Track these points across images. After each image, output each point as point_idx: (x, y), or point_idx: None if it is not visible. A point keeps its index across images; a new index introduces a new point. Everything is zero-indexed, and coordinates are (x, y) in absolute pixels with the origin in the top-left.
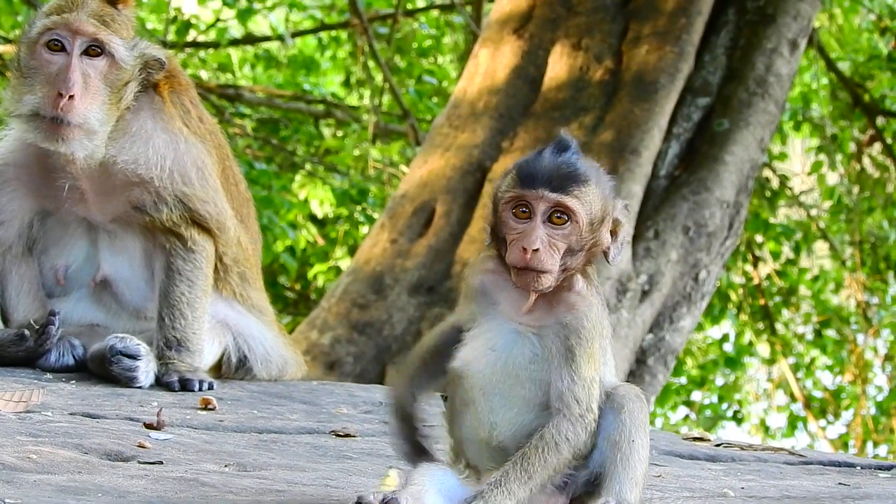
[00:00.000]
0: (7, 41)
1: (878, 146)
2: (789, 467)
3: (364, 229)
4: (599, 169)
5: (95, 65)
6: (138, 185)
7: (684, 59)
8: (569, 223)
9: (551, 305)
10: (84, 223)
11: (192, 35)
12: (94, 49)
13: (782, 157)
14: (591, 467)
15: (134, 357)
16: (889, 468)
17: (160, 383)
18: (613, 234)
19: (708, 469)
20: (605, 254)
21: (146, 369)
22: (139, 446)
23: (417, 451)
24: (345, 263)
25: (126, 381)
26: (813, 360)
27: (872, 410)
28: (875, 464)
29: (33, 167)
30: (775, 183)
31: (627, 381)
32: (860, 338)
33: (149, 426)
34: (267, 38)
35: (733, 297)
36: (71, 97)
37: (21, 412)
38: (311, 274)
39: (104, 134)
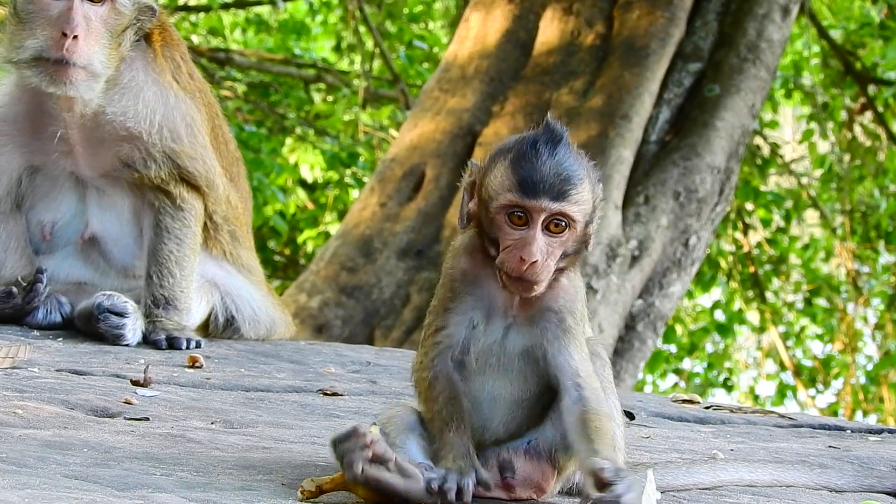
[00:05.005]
0: None
1: (869, 114)
2: (779, 430)
3: (354, 193)
4: (582, 155)
5: (96, 10)
6: (127, 139)
7: (675, 25)
8: (567, 230)
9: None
10: (73, 179)
11: None
12: None
13: (773, 124)
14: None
15: (121, 314)
16: (879, 431)
17: (147, 341)
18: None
19: (697, 431)
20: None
21: (133, 327)
22: (125, 402)
23: None
24: (334, 228)
25: (113, 338)
26: (803, 329)
27: (862, 380)
28: (865, 427)
29: (23, 121)
30: (766, 150)
31: (616, 347)
32: (850, 306)
33: (135, 383)
34: (258, 3)
35: (723, 264)
36: (75, 37)
37: (8, 368)
38: (300, 239)
39: (104, 79)
